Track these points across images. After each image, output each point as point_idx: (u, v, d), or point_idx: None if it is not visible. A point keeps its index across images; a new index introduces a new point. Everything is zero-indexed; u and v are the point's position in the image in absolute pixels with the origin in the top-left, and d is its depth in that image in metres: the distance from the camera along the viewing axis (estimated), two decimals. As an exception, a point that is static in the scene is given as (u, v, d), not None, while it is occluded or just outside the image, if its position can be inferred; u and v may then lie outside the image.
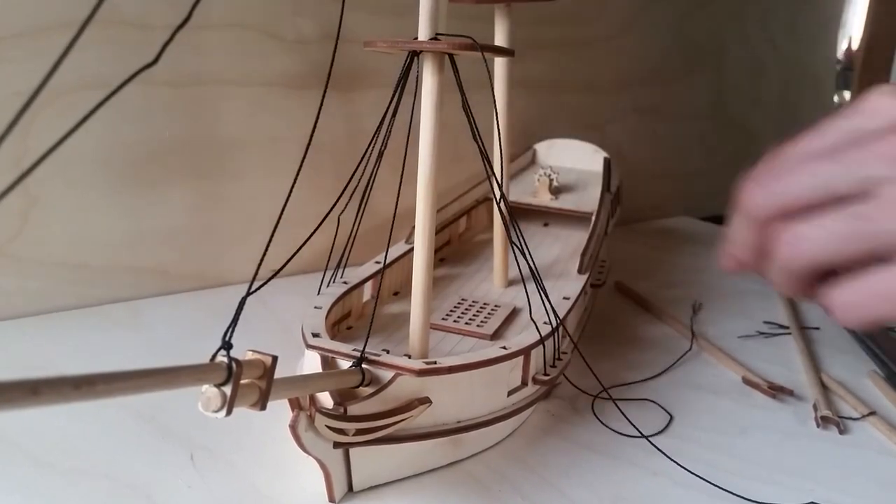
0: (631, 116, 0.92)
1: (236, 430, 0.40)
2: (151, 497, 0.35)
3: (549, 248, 0.62)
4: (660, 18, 0.91)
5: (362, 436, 0.33)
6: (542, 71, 0.81)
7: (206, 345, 0.24)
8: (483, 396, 0.38)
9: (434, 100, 0.36)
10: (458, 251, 0.61)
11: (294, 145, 0.64)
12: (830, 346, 0.57)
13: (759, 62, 1.05)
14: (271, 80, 0.63)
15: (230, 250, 0.63)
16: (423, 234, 0.37)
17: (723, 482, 0.38)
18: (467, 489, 0.37)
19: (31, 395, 0.16)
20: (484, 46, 0.35)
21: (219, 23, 0.59)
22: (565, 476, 0.39)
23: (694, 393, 0.49)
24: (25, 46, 0.51)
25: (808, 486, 0.39)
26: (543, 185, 0.65)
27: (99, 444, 0.39)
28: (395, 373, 0.34)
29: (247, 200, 0.63)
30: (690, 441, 0.43)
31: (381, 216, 0.48)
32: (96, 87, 0.53)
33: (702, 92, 0.99)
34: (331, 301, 0.43)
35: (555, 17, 0.80)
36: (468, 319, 0.47)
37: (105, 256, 0.58)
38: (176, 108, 0.59)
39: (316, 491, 0.35)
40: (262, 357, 0.26)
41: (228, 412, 0.24)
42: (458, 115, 0.37)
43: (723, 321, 0.61)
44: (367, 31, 0.56)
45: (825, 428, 0.45)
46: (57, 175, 0.54)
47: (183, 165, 0.60)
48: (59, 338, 0.52)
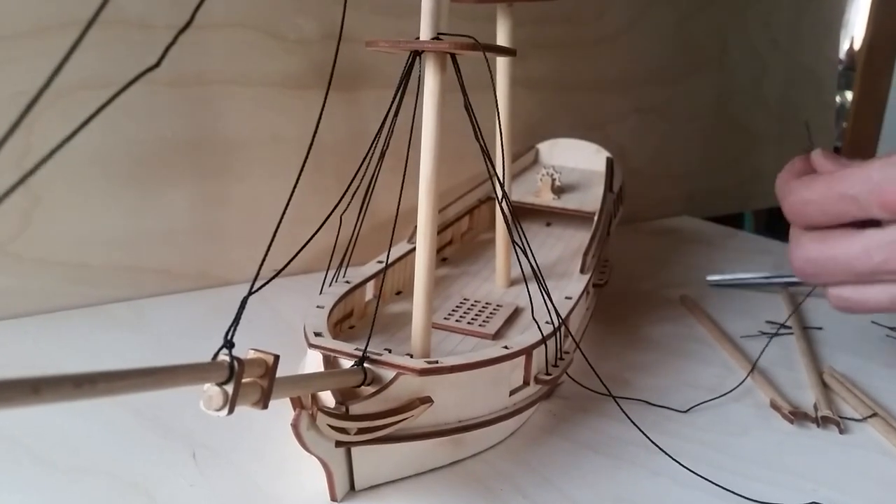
0: (633, 116, 0.92)
1: (238, 429, 0.40)
2: (153, 495, 0.35)
3: (552, 247, 0.62)
4: (662, 19, 0.91)
5: (364, 435, 0.33)
6: (544, 70, 0.81)
7: (209, 344, 0.24)
8: (485, 396, 0.38)
9: (436, 99, 0.36)
10: (460, 251, 0.61)
11: (296, 145, 0.64)
12: (833, 347, 0.57)
13: (760, 62, 1.05)
14: (273, 79, 0.63)
15: (232, 250, 0.63)
16: (425, 233, 0.37)
17: (724, 482, 0.38)
18: (469, 489, 0.37)
19: (32, 393, 0.16)
20: (486, 46, 0.35)
21: (220, 23, 0.59)
22: (567, 476, 0.39)
23: (694, 392, 0.48)
24: (28, 46, 0.51)
25: (809, 486, 0.39)
26: (546, 185, 0.65)
27: (100, 442, 0.39)
28: (396, 372, 0.34)
29: (249, 200, 0.63)
30: (692, 441, 0.43)
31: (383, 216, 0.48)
32: (98, 87, 0.53)
33: (704, 92, 0.99)
34: (333, 300, 0.43)
35: (557, 17, 0.80)
36: (470, 319, 0.47)
37: (107, 256, 0.58)
38: (178, 108, 0.59)
39: (317, 490, 0.35)
40: (264, 356, 0.26)
41: (230, 411, 0.24)
42: (460, 115, 0.37)
43: (725, 321, 0.61)
44: (369, 30, 0.56)
45: (825, 428, 0.44)
46: (59, 174, 0.54)
47: (185, 165, 0.60)
48: (60, 337, 0.52)
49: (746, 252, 0.82)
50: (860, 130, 1.36)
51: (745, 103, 1.05)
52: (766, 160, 1.08)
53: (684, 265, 0.76)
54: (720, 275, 0.70)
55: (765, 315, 0.62)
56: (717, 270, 0.72)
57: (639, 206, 0.88)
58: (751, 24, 1.03)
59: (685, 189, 1.01)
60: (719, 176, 1.05)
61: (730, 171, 1.06)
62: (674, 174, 0.99)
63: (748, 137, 1.06)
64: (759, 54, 1.04)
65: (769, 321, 0.61)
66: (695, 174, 1.01)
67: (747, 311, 0.63)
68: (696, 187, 1.01)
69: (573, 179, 0.70)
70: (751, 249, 0.83)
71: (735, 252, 0.81)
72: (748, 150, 1.07)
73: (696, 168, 1.01)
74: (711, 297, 0.66)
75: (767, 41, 1.05)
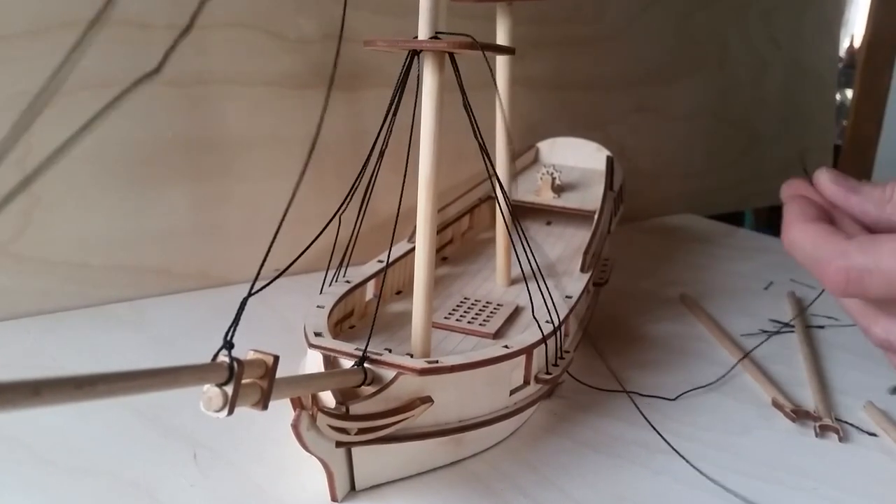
0: (633, 115, 0.91)
1: (238, 430, 0.40)
2: (154, 495, 0.35)
3: (552, 246, 0.62)
4: (662, 17, 0.91)
5: (364, 435, 0.33)
6: (544, 69, 0.81)
7: (209, 344, 0.24)
8: (485, 395, 0.38)
9: (435, 99, 0.36)
10: (460, 250, 0.61)
11: (296, 144, 0.64)
12: (834, 346, 0.57)
13: (760, 61, 1.05)
14: (273, 79, 0.63)
15: (232, 250, 0.63)
16: (425, 232, 0.37)
17: (725, 481, 0.38)
18: (469, 488, 0.37)
19: (33, 395, 0.16)
20: (484, 45, 0.35)
21: (220, 22, 0.59)
22: (567, 475, 0.39)
23: (696, 391, 0.48)
24: (29, 46, 0.51)
25: (810, 485, 0.39)
26: (546, 184, 0.65)
27: (102, 442, 0.39)
28: (397, 372, 0.34)
29: (249, 199, 0.63)
30: (693, 440, 0.43)
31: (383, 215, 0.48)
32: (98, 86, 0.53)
33: (704, 90, 0.99)
34: (333, 300, 0.43)
35: (557, 16, 0.80)
36: (470, 318, 0.47)
37: (108, 256, 0.58)
38: (178, 108, 0.59)
39: (318, 490, 0.35)
40: (264, 356, 0.26)
41: (230, 412, 0.24)
42: (460, 114, 0.37)
43: (726, 319, 0.61)
44: (369, 30, 0.56)
45: (823, 437, 0.44)
46: (60, 175, 0.54)
47: (185, 165, 0.60)
48: (61, 337, 0.52)
49: (747, 250, 0.82)
50: (860, 129, 1.36)
51: (745, 102, 1.05)
52: (766, 158, 1.08)
53: (684, 263, 0.76)
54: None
55: (767, 314, 0.62)
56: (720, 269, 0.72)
57: (639, 205, 0.88)
58: (751, 23, 1.02)
59: (685, 187, 1.01)
60: (719, 174, 1.05)
61: (730, 169, 1.06)
62: (674, 173, 0.99)
63: (748, 136, 1.06)
64: (760, 53, 1.04)
65: (773, 319, 0.61)
66: (695, 172, 1.01)
67: (748, 310, 0.63)
68: (696, 185, 1.01)
69: (573, 178, 0.70)
70: (751, 247, 0.83)
71: (735, 250, 0.81)
72: (748, 149, 1.07)
73: (697, 166, 1.01)
74: (712, 296, 0.66)
75: (767, 40, 1.05)
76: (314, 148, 0.33)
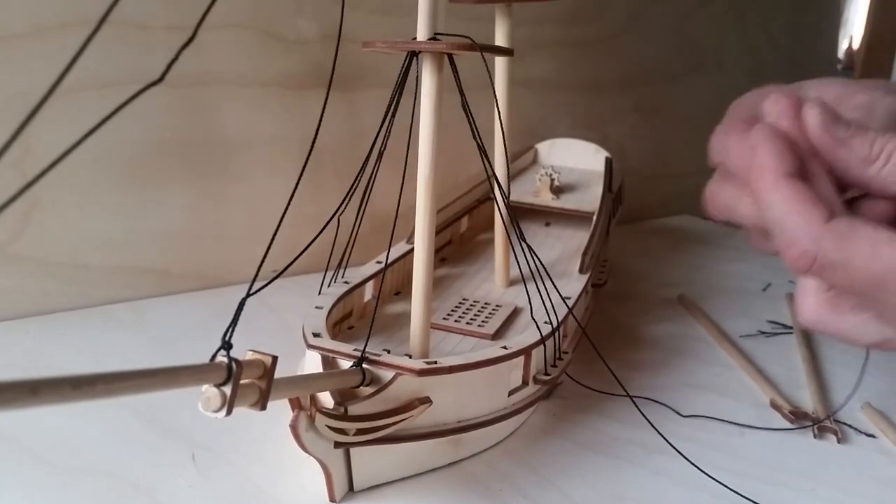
0: (632, 116, 0.91)
1: (237, 430, 0.40)
2: (153, 496, 0.35)
3: (551, 247, 0.62)
4: (661, 18, 0.91)
5: (363, 435, 0.33)
6: (542, 70, 0.81)
7: (208, 345, 0.25)
8: (484, 396, 0.38)
9: (433, 100, 0.36)
10: (459, 251, 0.61)
11: (294, 145, 0.64)
12: (833, 347, 0.57)
13: (759, 61, 1.05)
14: (272, 80, 0.63)
15: (231, 250, 0.63)
16: (424, 233, 0.37)
17: (724, 481, 0.38)
18: (468, 489, 0.37)
19: (31, 395, 0.16)
20: (483, 46, 0.35)
21: (219, 23, 0.59)
22: (566, 475, 0.39)
23: (693, 391, 0.49)
24: (27, 47, 0.51)
25: (809, 486, 0.39)
26: (545, 185, 0.65)
27: (101, 442, 0.39)
28: (395, 373, 0.34)
29: (248, 200, 0.63)
30: (691, 440, 0.43)
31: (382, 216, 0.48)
32: (97, 87, 0.53)
33: (703, 91, 0.99)
34: (332, 301, 0.43)
35: (555, 17, 0.80)
36: (469, 319, 0.47)
37: (106, 256, 0.58)
38: (177, 109, 0.59)
39: (316, 490, 0.35)
40: (263, 357, 0.26)
41: (228, 412, 0.24)
42: (458, 115, 0.37)
43: (725, 320, 0.61)
44: (368, 31, 0.56)
45: (822, 438, 0.44)
46: (59, 176, 0.54)
47: (184, 165, 0.60)
48: (60, 338, 0.52)
49: (745, 251, 0.82)
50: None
51: (745, 102, 1.05)
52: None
53: (683, 264, 0.76)
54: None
55: (765, 315, 0.62)
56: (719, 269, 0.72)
57: (638, 206, 0.88)
58: (750, 24, 1.03)
59: (684, 188, 1.00)
60: (719, 175, 1.04)
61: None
62: (672, 173, 0.99)
63: (747, 136, 1.06)
64: (759, 53, 1.04)
65: (771, 321, 0.61)
66: (694, 173, 1.00)
67: (747, 311, 0.63)
68: (694, 186, 1.01)
69: (572, 179, 0.70)
70: (749, 249, 0.82)
71: (734, 251, 0.81)
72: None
73: (695, 167, 1.00)
74: (711, 297, 0.66)
75: (766, 41, 1.05)
76: (313, 149, 0.34)
